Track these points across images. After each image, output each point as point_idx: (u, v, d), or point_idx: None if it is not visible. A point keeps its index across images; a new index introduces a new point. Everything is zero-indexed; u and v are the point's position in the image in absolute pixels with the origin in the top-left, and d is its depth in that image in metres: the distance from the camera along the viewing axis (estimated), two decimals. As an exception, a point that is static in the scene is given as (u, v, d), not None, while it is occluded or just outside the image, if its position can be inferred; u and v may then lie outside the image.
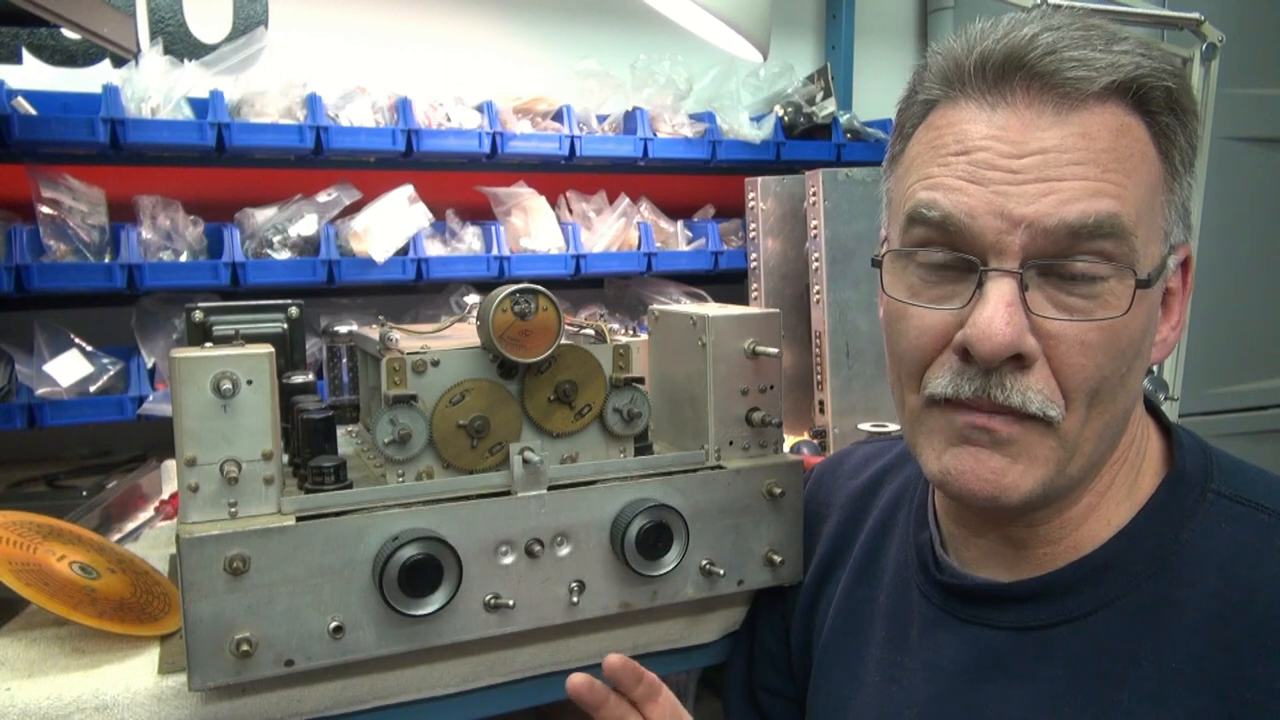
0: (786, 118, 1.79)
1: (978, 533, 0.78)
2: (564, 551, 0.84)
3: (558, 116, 1.63)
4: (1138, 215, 0.64)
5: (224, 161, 1.44)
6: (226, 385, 0.72)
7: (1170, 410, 1.58)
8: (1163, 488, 0.73)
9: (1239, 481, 0.71)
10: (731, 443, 0.91)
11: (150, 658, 0.80)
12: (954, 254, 0.67)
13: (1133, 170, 0.64)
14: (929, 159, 0.68)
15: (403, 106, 1.49)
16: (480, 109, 1.56)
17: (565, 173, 1.70)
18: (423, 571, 0.77)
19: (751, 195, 1.54)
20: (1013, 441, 0.67)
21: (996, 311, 0.64)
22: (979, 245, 0.65)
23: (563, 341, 0.83)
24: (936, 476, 0.71)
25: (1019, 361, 0.65)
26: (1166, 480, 0.73)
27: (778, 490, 0.91)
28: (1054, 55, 0.64)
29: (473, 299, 1.56)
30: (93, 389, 1.32)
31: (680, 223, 1.76)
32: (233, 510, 0.74)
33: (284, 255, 1.43)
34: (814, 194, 1.43)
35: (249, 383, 0.73)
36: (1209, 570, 0.67)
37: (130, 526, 1.17)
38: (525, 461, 0.82)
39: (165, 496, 1.28)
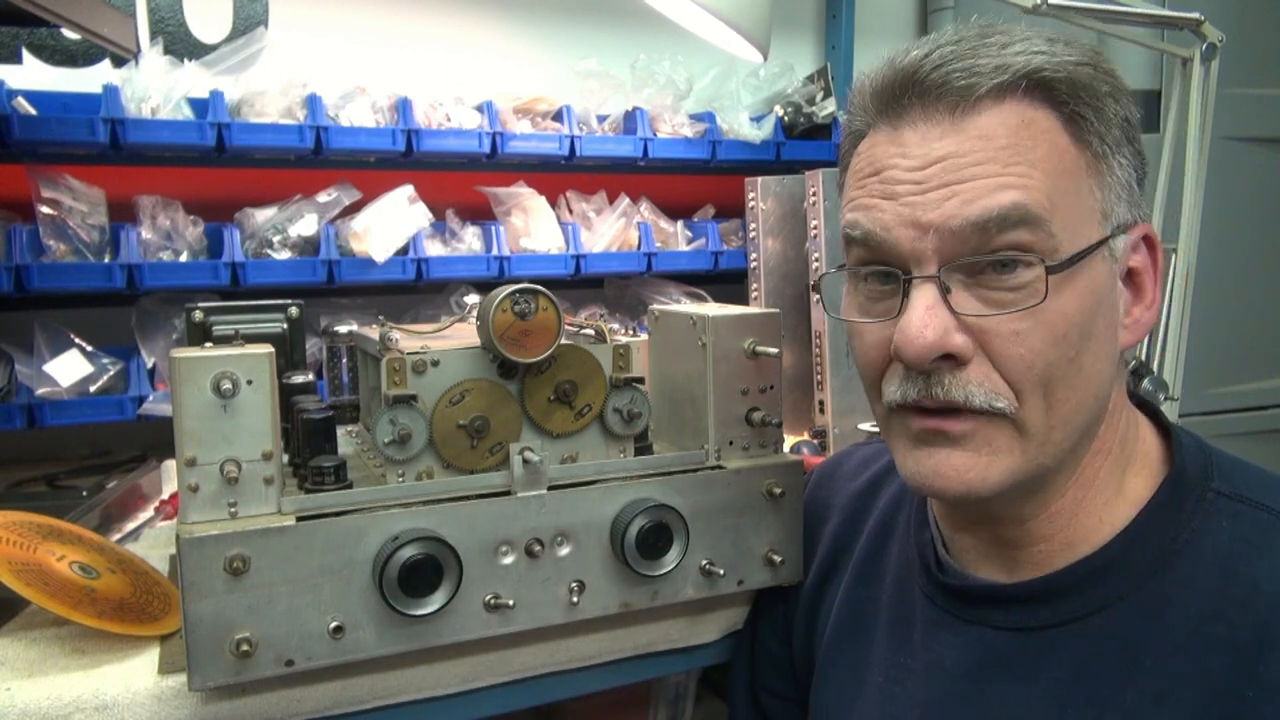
0: (786, 118, 1.79)
1: (968, 532, 0.78)
2: (564, 551, 0.84)
3: (558, 116, 1.63)
4: (1051, 202, 0.65)
5: (224, 161, 1.44)
6: (226, 385, 0.72)
7: (1170, 410, 1.58)
8: (1163, 489, 0.72)
9: (1239, 480, 0.71)
10: (731, 443, 0.91)
11: (150, 658, 0.80)
12: (882, 269, 0.70)
13: (1039, 160, 0.66)
14: (852, 184, 0.73)
15: (403, 106, 1.49)
16: (480, 109, 1.56)
17: (565, 173, 1.70)
18: (423, 571, 0.77)
19: (751, 195, 1.54)
20: (969, 437, 0.68)
21: (915, 316, 0.66)
22: (898, 256, 0.68)
23: (563, 341, 0.83)
24: (907, 479, 0.73)
25: (953, 360, 0.67)
26: (1167, 481, 0.73)
27: (778, 490, 0.91)
28: (941, 68, 0.66)
29: (473, 299, 1.56)
30: (93, 389, 1.32)
31: (680, 223, 1.76)
32: (233, 510, 0.74)
33: (284, 255, 1.43)
34: (814, 194, 1.43)
35: (249, 383, 0.73)
36: (1210, 569, 0.68)
37: (130, 526, 1.17)
38: (525, 461, 0.82)
39: (165, 496, 1.28)
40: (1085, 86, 0.67)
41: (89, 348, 1.34)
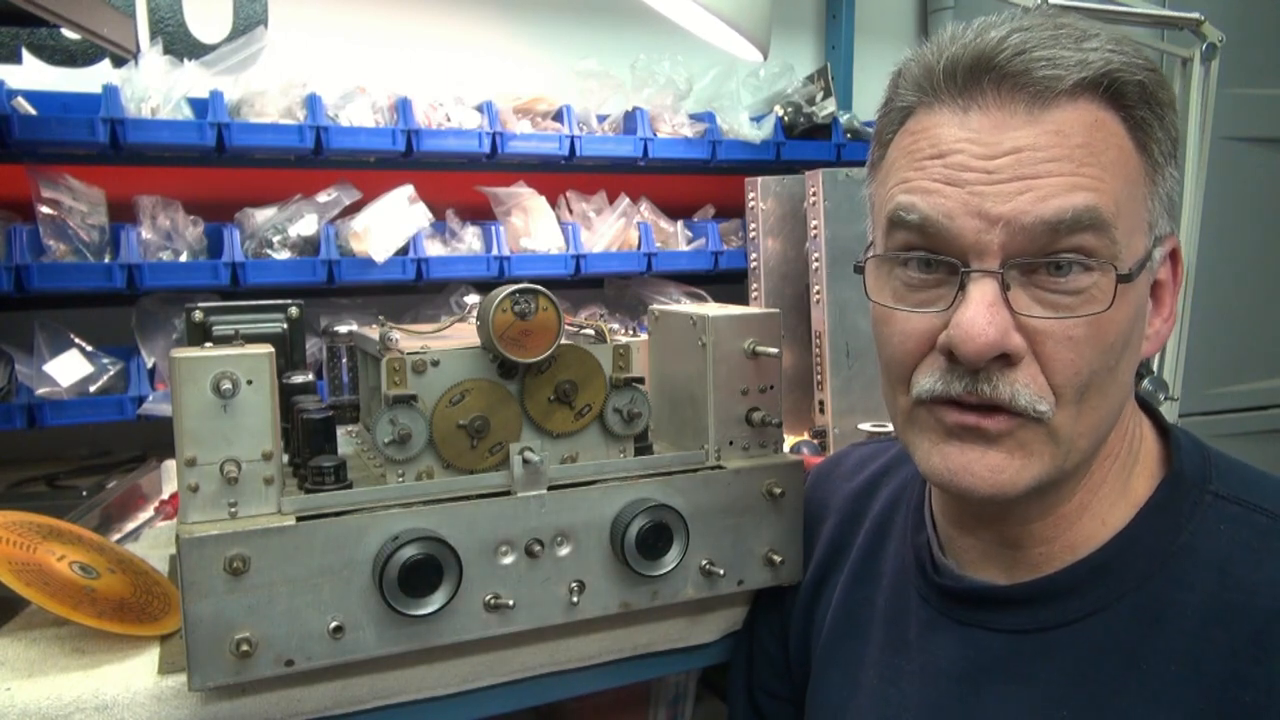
0: (786, 118, 1.79)
1: (971, 533, 0.78)
2: (564, 551, 0.84)
3: (558, 116, 1.63)
4: (1117, 207, 0.64)
5: (224, 161, 1.44)
6: (226, 385, 0.72)
7: (1170, 410, 1.58)
8: (1160, 489, 0.72)
9: (1238, 483, 0.71)
10: (731, 443, 0.91)
11: (150, 658, 0.80)
12: (935, 257, 0.68)
13: (1109, 164, 0.65)
14: (906, 164, 0.69)
15: (403, 106, 1.49)
16: (480, 109, 1.56)
17: (565, 173, 1.70)
18: (423, 571, 0.77)
19: (751, 195, 1.54)
20: (1005, 436, 0.67)
21: (978, 312, 0.64)
22: (959, 246, 0.66)
23: (563, 341, 0.83)
24: (932, 473, 0.71)
25: (1005, 360, 0.66)
26: (1164, 482, 0.73)
27: (778, 490, 0.91)
28: (1023, 55, 0.64)
29: (473, 299, 1.56)
30: (93, 389, 1.32)
31: (680, 223, 1.76)
32: (233, 510, 0.74)
33: (284, 255, 1.43)
34: (814, 194, 1.43)
35: (249, 383, 0.73)
36: (1207, 572, 0.67)
37: (130, 526, 1.17)
38: (525, 461, 0.82)
39: (165, 496, 1.28)
40: (1152, 95, 0.66)
41: (89, 348, 1.34)
